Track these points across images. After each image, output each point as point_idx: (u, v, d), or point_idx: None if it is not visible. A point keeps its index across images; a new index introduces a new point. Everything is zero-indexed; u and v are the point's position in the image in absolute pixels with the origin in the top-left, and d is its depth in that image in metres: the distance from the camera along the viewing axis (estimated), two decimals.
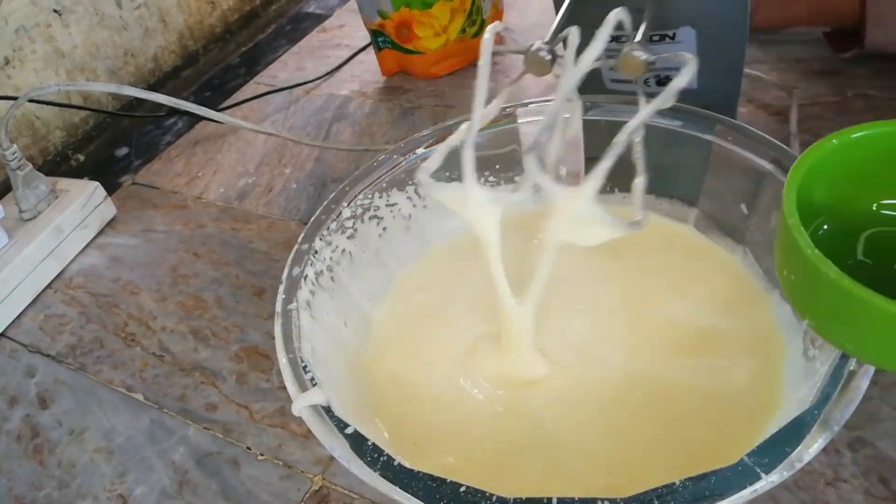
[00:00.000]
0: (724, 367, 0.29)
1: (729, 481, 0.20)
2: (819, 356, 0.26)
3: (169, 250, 0.49)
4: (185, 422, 0.38)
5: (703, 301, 0.32)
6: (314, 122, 0.58)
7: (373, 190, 0.34)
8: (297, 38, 0.71)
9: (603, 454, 0.27)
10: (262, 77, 0.66)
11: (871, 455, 0.30)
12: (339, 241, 0.32)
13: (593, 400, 0.29)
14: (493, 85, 0.29)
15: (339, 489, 0.33)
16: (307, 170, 0.53)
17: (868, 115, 0.47)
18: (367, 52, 0.65)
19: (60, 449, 0.38)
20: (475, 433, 0.29)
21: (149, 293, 0.46)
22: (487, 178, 0.37)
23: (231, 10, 0.74)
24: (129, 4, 0.64)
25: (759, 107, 0.49)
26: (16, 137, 0.57)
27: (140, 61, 0.66)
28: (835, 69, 0.51)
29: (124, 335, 0.43)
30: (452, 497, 0.21)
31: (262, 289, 0.44)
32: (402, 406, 0.30)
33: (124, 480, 0.36)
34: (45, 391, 0.41)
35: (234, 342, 0.41)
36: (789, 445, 0.21)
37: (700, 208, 0.34)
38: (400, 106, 0.58)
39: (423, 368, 0.31)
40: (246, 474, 0.35)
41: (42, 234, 0.47)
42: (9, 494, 0.36)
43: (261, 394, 0.38)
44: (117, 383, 0.41)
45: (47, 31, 0.58)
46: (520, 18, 0.66)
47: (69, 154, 0.61)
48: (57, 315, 0.46)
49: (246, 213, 0.51)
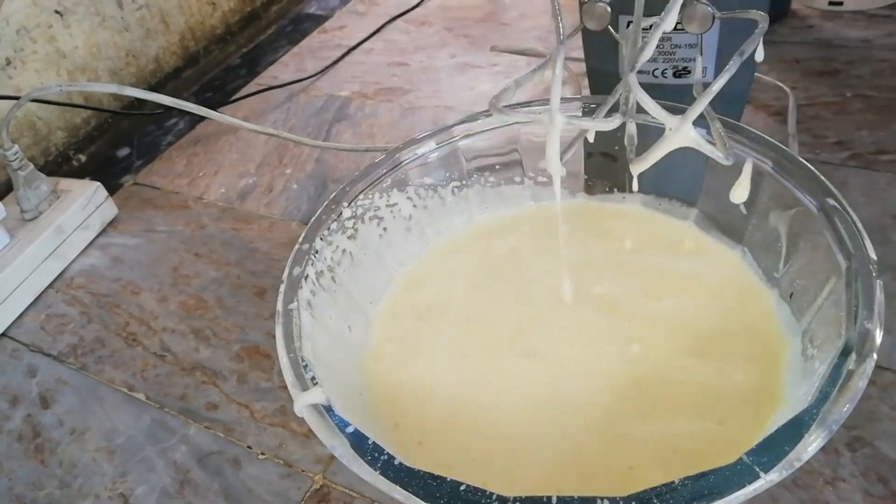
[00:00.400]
0: (723, 367, 0.29)
1: (728, 480, 0.21)
2: (818, 355, 0.26)
3: (170, 250, 0.49)
4: (187, 421, 0.38)
5: (701, 300, 0.32)
6: (315, 122, 0.58)
7: (373, 190, 0.34)
8: (297, 39, 0.71)
9: (601, 452, 0.27)
10: (263, 78, 0.66)
11: (870, 454, 0.30)
12: (340, 242, 0.33)
13: (592, 399, 0.29)
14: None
15: (339, 488, 0.33)
16: (308, 170, 0.53)
17: (868, 115, 0.47)
18: (366, 52, 0.66)
19: (61, 448, 0.38)
20: (476, 432, 0.29)
21: (150, 293, 0.46)
22: (487, 178, 0.37)
23: (232, 12, 0.74)
24: (130, 5, 0.64)
25: (759, 107, 0.49)
26: (17, 138, 0.57)
27: (141, 62, 0.66)
28: (835, 69, 0.51)
29: (125, 335, 0.44)
30: (453, 496, 0.21)
31: (263, 289, 0.45)
32: (403, 406, 0.30)
33: (125, 480, 0.36)
34: (47, 391, 0.41)
35: (235, 342, 0.42)
36: (788, 444, 0.21)
37: (700, 208, 0.34)
38: (400, 106, 0.58)
39: (424, 368, 0.31)
40: (247, 473, 0.35)
41: (43, 234, 0.47)
42: (10, 494, 0.36)
43: (262, 393, 0.38)
44: (118, 383, 0.41)
45: (48, 31, 0.58)
46: (520, 20, 0.66)
47: (70, 154, 0.61)
48: (58, 315, 0.46)
49: (247, 214, 0.51)
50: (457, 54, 0.63)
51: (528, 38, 0.62)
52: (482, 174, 0.37)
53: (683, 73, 0.34)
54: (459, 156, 0.36)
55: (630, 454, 0.27)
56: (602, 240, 0.35)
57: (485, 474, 0.27)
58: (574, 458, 0.27)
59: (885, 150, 0.44)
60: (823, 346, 0.25)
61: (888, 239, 0.39)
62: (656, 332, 0.31)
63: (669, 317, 0.31)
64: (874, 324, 0.23)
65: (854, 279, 0.25)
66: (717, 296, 0.32)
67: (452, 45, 0.65)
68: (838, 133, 0.46)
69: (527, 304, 0.33)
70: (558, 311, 0.32)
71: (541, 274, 0.34)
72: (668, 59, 0.36)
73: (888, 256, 0.38)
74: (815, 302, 0.27)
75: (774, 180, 0.30)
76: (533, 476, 0.27)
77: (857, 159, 0.44)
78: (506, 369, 0.31)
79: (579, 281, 0.33)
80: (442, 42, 0.65)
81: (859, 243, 0.26)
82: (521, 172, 0.37)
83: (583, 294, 0.33)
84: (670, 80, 0.36)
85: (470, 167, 0.36)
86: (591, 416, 0.28)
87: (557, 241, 0.35)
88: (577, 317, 0.32)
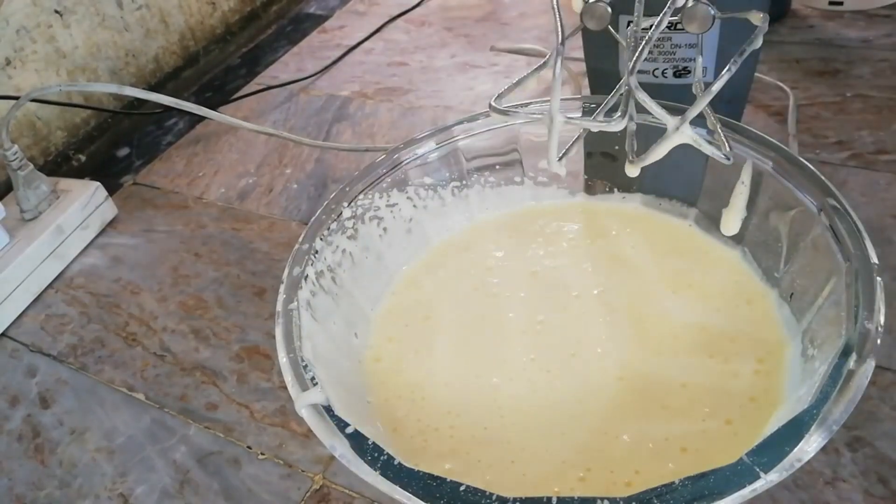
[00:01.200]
0: (723, 367, 0.29)
1: (728, 480, 0.21)
2: (818, 356, 0.26)
3: (170, 250, 0.49)
4: (186, 421, 0.38)
5: (701, 300, 0.32)
6: (315, 122, 0.58)
7: (373, 190, 0.34)
8: (297, 39, 0.71)
9: (602, 452, 0.27)
10: (263, 78, 0.66)
11: (870, 455, 0.30)
12: (340, 242, 0.33)
13: (592, 399, 0.29)
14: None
15: (339, 488, 0.33)
16: (308, 170, 0.53)
17: (867, 115, 0.47)
18: (366, 51, 0.66)
19: (61, 448, 0.38)
20: (476, 432, 0.29)
21: (150, 293, 0.46)
22: (487, 178, 0.37)
23: (232, 11, 0.74)
24: (130, 5, 0.64)
25: (759, 107, 0.49)
26: (17, 137, 0.57)
27: (141, 62, 0.66)
28: (835, 69, 0.51)
29: (125, 335, 0.44)
30: (452, 496, 0.21)
31: (263, 289, 0.45)
32: (403, 406, 0.30)
33: (125, 480, 0.36)
34: (47, 391, 0.41)
35: (235, 342, 0.42)
36: (788, 445, 0.21)
37: (700, 208, 0.34)
38: (400, 106, 0.58)
39: (423, 368, 0.31)
40: (247, 473, 0.35)
41: (43, 234, 0.47)
42: (9, 494, 0.36)
43: (261, 393, 0.38)
44: (118, 383, 0.41)
45: (48, 31, 0.58)
46: (520, 20, 0.66)
47: (70, 154, 0.61)
48: (58, 315, 0.46)
49: (247, 214, 0.51)
50: (457, 54, 0.63)
51: (528, 38, 0.62)
52: (482, 174, 0.37)
53: (683, 73, 0.34)
54: (459, 156, 0.36)
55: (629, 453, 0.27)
56: (602, 239, 0.35)
57: (485, 474, 0.27)
58: (575, 459, 0.27)
59: (885, 150, 0.44)
60: (823, 347, 0.25)
61: (888, 239, 0.39)
62: (656, 333, 0.31)
63: (670, 317, 0.31)
64: (874, 324, 0.23)
65: (854, 279, 0.25)
66: (718, 296, 0.32)
67: (452, 44, 0.65)
68: (838, 133, 0.46)
69: (527, 305, 0.33)
70: (559, 311, 0.32)
71: (541, 274, 0.34)
72: (669, 59, 0.36)
73: (888, 256, 0.38)
74: (816, 302, 0.27)
75: (774, 180, 0.30)
76: (533, 475, 0.27)
77: (857, 159, 0.44)
78: (506, 369, 0.31)
79: (579, 281, 0.33)
80: (442, 42, 0.65)
81: (859, 243, 0.26)
82: (521, 172, 0.37)
83: (583, 294, 0.33)
84: (670, 79, 0.36)
85: (470, 167, 0.36)
86: (591, 417, 0.28)
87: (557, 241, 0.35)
88: (578, 317, 0.32)
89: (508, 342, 0.31)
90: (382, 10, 0.72)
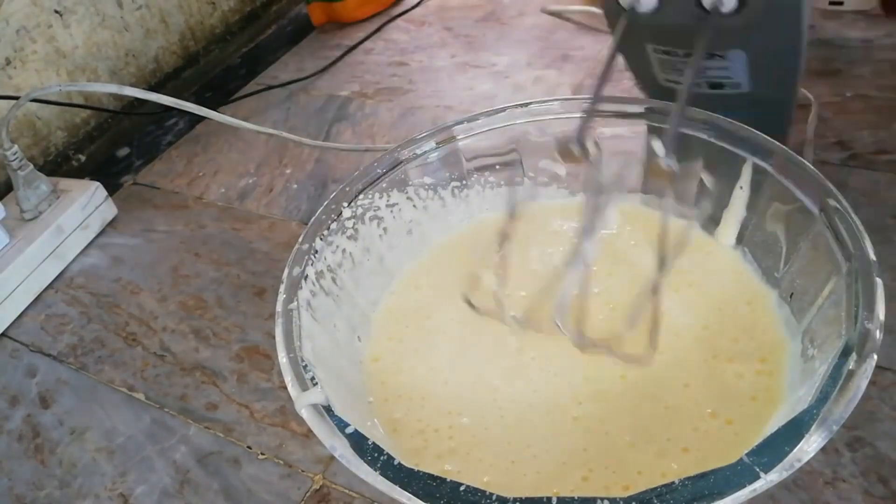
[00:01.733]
0: (726, 366, 0.29)
1: (728, 480, 0.21)
2: (818, 356, 0.26)
3: (170, 250, 0.49)
4: (186, 421, 0.38)
5: (701, 301, 0.32)
6: (315, 122, 0.58)
7: (373, 190, 0.34)
8: (297, 39, 0.71)
9: (602, 453, 0.27)
10: (263, 78, 0.66)
11: (870, 455, 0.30)
12: (340, 242, 0.32)
13: (592, 399, 0.29)
14: None
15: (339, 488, 0.33)
16: (308, 170, 0.53)
17: (868, 115, 0.47)
18: (366, 52, 0.66)
19: (61, 448, 0.38)
20: (476, 432, 0.29)
21: (150, 293, 0.46)
22: (487, 178, 0.37)
23: (232, 11, 0.74)
24: (130, 5, 0.64)
25: None
26: (17, 137, 0.57)
27: (141, 62, 0.66)
28: (835, 69, 0.51)
29: (125, 335, 0.44)
30: (452, 496, 0.21)
31: (263, 289, 0.45)
32: (402, 406, 0.30)
33: (125, 480, 0.36)
34: (47, 391, 0.41)
35: (235, 342, 0.42)
36: (788, 445, 0.21)
37: (699, 208, 0.34)
38: (400, 106, 0.58)
39: (423, 368, 0.31)
40: (247, 473, 0.35)
41: (43, 234, 0.47)
42: (10, 494, 0.36)
43: (261, 393, 0.38)
44: (118, 383, 0.41)
45: (48, 31, 0.58)
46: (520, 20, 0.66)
47: (70, 154, 0.61)
48: (58, 315, 0.46)
49: (247, 214, 0.51)
50: (457, 54, 0.63)
51: (528, 38, 0.62)
52: (482, 174, 0.37)
53: (717, 87, 0.38)
54: (459, 156, 0.36)
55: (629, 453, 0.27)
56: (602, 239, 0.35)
57: (485, 474, 0.27)
58: (576, 459, 0.27)
59: (885, 150, 0.44)
60: (823, 347, 0.25)
61: (888, 239, 0.39)
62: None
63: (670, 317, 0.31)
64: (874, 324, 0.23)
65: (854, 279, 0.25)
66: (718, 296, 0.32)
67: (452, 45, 0.64)
68: (838, 133, 0.46)
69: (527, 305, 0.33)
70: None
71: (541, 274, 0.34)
72: (704, 77, 0.38)
73: (888, 256, 0.38)
74: (816, 302, 0.27)
75: (774, 180, 0.30)
76: (533, 475, 0.27)
77: (857, 159, 0.44)
78: (506, 369, 0.30)
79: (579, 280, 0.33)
80: (442, 42, 0.65)
81: (859, 243, 0.26)
82: (521, 172, 0.37)
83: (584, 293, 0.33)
84: (705, 89, 0.39)
85: (470, 167, 0.36)
86: (592, 417, 0.28)
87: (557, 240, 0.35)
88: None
89: (508, 342, 0.31)
90: (382, 10, 0.72)
